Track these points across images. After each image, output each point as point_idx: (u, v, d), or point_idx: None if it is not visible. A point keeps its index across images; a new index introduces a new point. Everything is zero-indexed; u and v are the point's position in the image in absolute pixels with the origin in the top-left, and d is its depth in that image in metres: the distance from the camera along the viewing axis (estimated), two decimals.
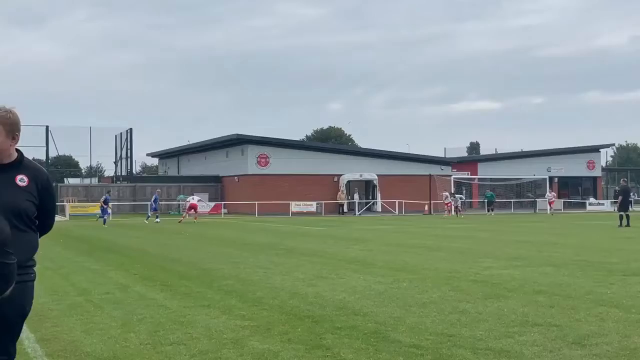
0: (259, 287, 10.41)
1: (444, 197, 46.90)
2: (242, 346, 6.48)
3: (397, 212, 50.17)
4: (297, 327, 7.30)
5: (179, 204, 51.50)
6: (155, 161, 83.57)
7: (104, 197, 36.81)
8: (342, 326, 7.34)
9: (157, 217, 37.81)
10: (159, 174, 73.94)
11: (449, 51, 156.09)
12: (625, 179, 35.16)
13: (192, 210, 37.19)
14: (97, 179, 67.37)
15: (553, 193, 51.25)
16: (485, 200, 50.00)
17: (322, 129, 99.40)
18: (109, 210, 37.04)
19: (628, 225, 27.79)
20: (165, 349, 6.44)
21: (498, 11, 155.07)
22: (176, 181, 56.81)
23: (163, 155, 73.04)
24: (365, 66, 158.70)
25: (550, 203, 49.00)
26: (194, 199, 38.54)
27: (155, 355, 6.19)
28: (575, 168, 62.92)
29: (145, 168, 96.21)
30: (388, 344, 6.49)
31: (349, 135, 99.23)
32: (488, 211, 47.58)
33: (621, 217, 28.59)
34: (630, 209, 29.79)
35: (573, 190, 64.56)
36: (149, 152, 77.07)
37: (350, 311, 8.27)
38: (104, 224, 33.90)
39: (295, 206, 48.60)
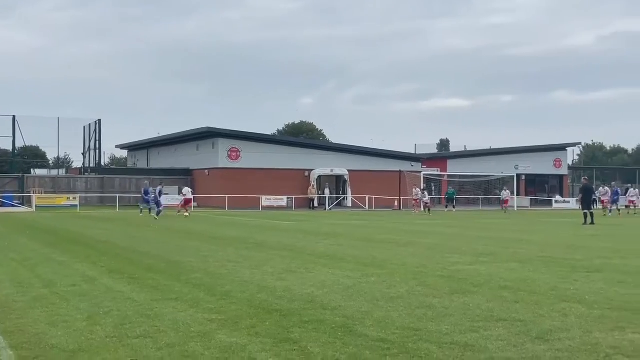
0: (228, 281, 10.40)
1: (414, 194, 46.78)
2: (209, 339, 6.48)
3: (367, 207, 50.39)
4: (265, 321, 7.31)
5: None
6: (124, 153, 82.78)
7: (159, 188, 34.97)
8: (310, 320, 7.37)
9: (143, 209, 36.71)
10: (128, 166, 73.24)
11: (421, 48, 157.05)
12: (587, 178, 35.59)
13: (187, 205, 36.64)
14: (64, 170, 66.53)
15: (508, 191, 50.35)
16: (446, 197, 50.28)
17: (293, 124, 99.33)
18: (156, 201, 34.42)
19: (592, 222, 28.17)
20: (132, 342, 6.41)
21: (470, 9, 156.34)
22: (145, 174, 56.27)
23: (132, 148, 72.36)
24: (338, 61, 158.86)
25: (505, 202, 47.92)
26: (189, 193, 37.99)
27: (121, 349, 6.16)
28: (542, 166, 63.83)
29: (113, 160, 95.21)
30: (355, 338, 6.54)
31: (321, 130, 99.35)
32: (450, 208, 47.83)
33: (585, 215, 28.99)
34: (593, 207, 30.07)
35: (540, 187, 65.48)
36: (118, 144, 76.35)
37: (318, 305, 8.31)
38: (157, 215, 32.60)
39: (265, 200, 48.54)
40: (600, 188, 43.71)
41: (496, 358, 5.87)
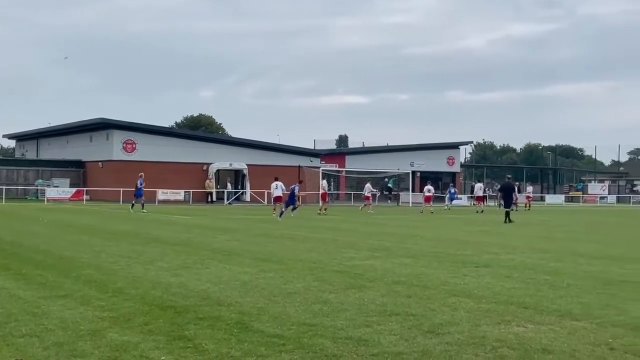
0: (120, 277, 10.13)
1: (365, 190, 44.40)
2: (100, 338, 6.29)
3: (266, 202, 50.30)
4: (158, 318, 7.17)
5: (37, 189, 49.03)
6: (12, 143, 79.06)
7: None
8: (205, 316, 7.29)
9: (142, 205, 34.51)
10: (16, 156, 69.94)
11: (321, 45, 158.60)
12: (509, 176, 36.38)
13: (324, 201, 35.38)
14: None
15: (370, 187, 47.05)
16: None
17: (192, 117, 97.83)
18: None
19: (510, 221, 27.95)
20: (17, 341, 6.13)
21: (370, 8, 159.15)
22: (35, 165, 53.98)
23: (21, 137, 69.17)
24: (239, 55, 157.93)
25: (367, 199, 41.49)
26: (325, 187, 35.26)
27: (5, 348, 5.88)
28: (436, 163, 65.93)
29: (0, 150, 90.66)
30: (251, 334, 6.52)
31: (220, 124, 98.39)
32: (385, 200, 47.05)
33: (507, 214, 28.74)
34: (512, 205, 30.03)
35: (434, 184, 67.47)
36: (6, 133, 72.89)
37: (214, 301, 8.22)
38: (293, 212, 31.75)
39: (162, 194, 47.57)
40: (475, 184, 43.94)
41: (388, 352, 6.00)
